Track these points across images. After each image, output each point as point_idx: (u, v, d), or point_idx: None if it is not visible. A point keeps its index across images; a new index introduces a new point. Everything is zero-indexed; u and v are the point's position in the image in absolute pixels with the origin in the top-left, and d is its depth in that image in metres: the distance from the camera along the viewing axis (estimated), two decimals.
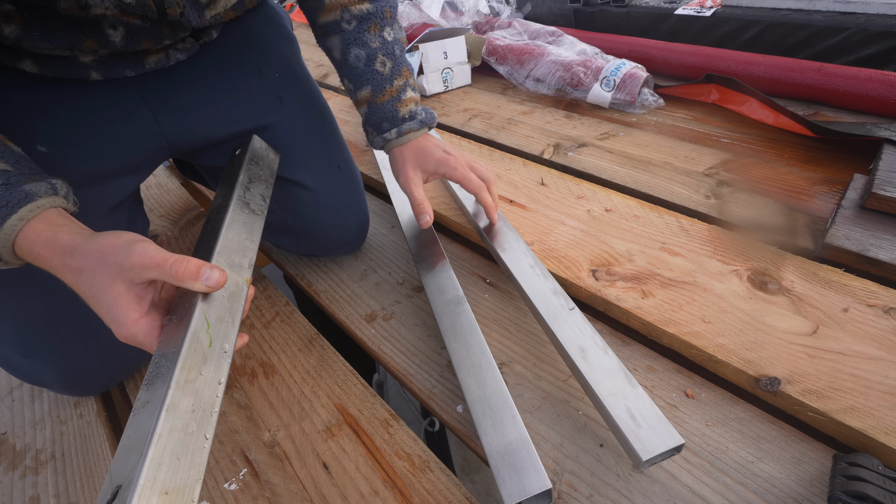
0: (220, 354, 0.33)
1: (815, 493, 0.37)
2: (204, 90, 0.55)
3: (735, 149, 0.81)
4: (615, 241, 0.63)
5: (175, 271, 0.33)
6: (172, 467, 0.27)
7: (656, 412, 0.38)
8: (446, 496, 0.41)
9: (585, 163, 0.82)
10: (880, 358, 0.45)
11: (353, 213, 0.66)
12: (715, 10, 1.17)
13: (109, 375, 0.53)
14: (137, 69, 0.49)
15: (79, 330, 0.49)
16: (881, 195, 0.59)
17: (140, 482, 0.25)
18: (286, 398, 0.51)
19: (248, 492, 0.44)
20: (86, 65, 0.45)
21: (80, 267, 0.34)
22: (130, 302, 0.33)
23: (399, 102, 0.56)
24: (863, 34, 0.96)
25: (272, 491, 0.43)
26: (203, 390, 0.31)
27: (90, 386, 0.54)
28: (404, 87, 0.56)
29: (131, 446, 0.28)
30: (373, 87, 0.55)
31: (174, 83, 0.53)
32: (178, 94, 0.53)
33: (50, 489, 0.47)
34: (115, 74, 0.48)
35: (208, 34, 0.54)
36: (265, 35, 0.60)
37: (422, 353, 0.54)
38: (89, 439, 0.51)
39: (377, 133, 0.57)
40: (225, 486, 0.44)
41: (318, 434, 0.47)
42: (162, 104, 0.52)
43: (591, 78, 1.02)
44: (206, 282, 0.34)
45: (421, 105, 0.58)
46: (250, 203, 0.46)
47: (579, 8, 1.40)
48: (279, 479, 0.44)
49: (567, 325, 0.46)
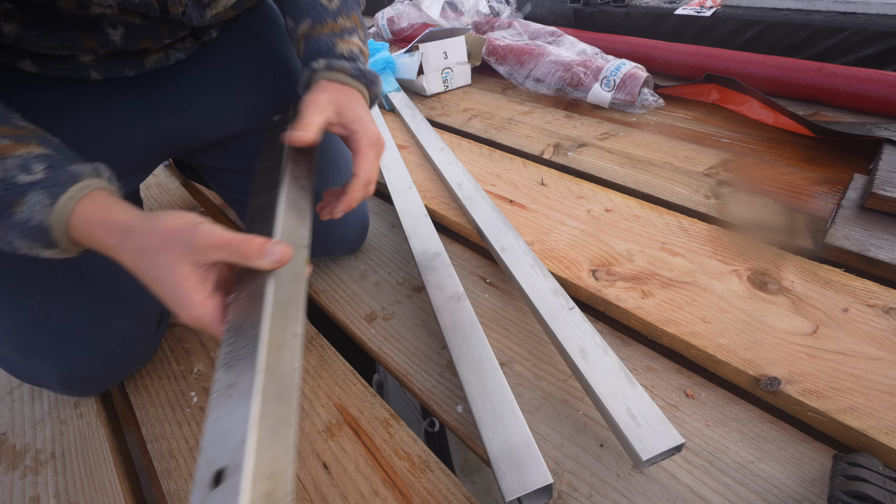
0: (291, 338, 0.33)
1: (815, 493, 0.37)
2: (204, 90, 0.55)
3: (735, 149, 0.81)
4: (615, 241, 0.63)
5: (241, 250, 0.32)
6: (270, 451, 0.26)
7: (656, 412, 0.38)
8: (446, 496, 0.41)
9: (585, 163, 0.82)
10: (880, 358, 0.45)
11: (353, 212, 0.66)
12: (715, 10, 1.17)
13: (109, 376, 0.53)
14: (137, 69, 0.49)
15: (79, 330, 0.49)
16: (881, 195, 0.59)
17: (249, 465, 0.25)
18: None
19: None
20: (85, 64, 0.45)
21: (142, 247, 0.33)
22: (195, 284, 0.32)
23: (340, 39, 0.49)
24: (863, 34, 0.96)
25: None
26: (284, 374, 0.30)
27: (90, 386, 0.53)
28: (351, 30, 0.51)
29: (226, 429, 0.27)
30: (313, 19, 0.50)
31: (174, 83, 0.53)
32: (177, 95, 0.53)
33: (50, 489, 0.47)
34: (114, 74, 0.48)
35: (208, 34, 0.54)
36: (264, 35, 0.60)
37: (422, 353, 0.54)
38: (89, 439, 0.51)
39: (307, 67, 0.48)
40: None
41: (317, 434, 0.47)
42: (162, 104, 0.52)
43: (591, 78, 1.02)
44: (270, 257, 0.32)
45: (367, 63, 0.52)
46: (299, 178, 0.44)
47: (579, 8, 1.40)
48: None
49: (567, 325, 0.46)
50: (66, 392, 0.54)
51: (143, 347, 0.55)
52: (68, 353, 0.49)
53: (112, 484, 0.46)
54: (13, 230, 0.33)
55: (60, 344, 0.49)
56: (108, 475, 0.47)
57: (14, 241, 0.33)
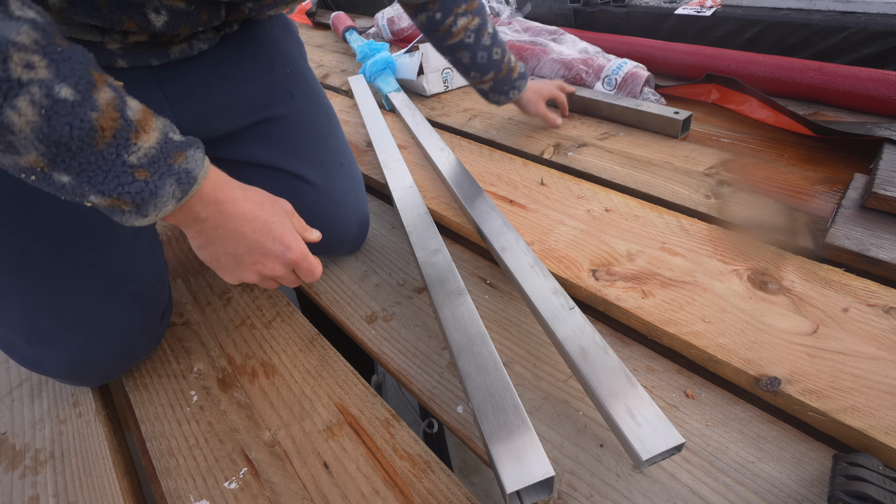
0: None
1: (815, 493, 0.37)
2: (219, 80, 0.56)
3: (735, 148, 0.81)
4: (615, 241, 0.63)
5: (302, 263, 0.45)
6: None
7: (656, 411, 0.38)
8: (447, 496, 0.41)
9: (585, 162, 0.82)
10: (880, 358, 0.45)
11: (355, 210, 0.66)
12: (715, 10, 1.17)
13: (114, 365, 0.53)
14: (162, 58, 0.50)
15: (87, 317, 0.49)
16: (881, 195, 0.58)
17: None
18: (287, 398, 0.51)
19: (248, 491, 0.44)
20: (112, 52, 0.46)
21: (261, 201, 0.43)
22: (296, 234, 0.45)
23: (512, 72, 0.79)
24: (863, 34, 0.95)
25: (272, 490, 0.43)
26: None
27: (93, 376, 0.53)
28: (511, 60, 0.78)
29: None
30: (495, 70, 0.76)
31: (192, 72, 0.53)
32: (194, 84, 0.54)
33: (49, 489, 0.47)
34: (140, 62, 0.49)
35: (230, 26, 0.56)
36: (277, 35, 0.62)
37: (422, 354, 0.54)
38: (88, 439, 0.51)
39: (504, 95, 0.81)
40: (225, 485, 0.44)
41: (318, 433, 0.47)
42: (179, 94, 0.53)
43: (592, 77, 1.02)
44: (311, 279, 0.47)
45: (518, 62, 0.80)
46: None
47: (579, 8, 1.40)
48: (279, 479, 0.44)
49: (567, 325, 0.46)
50: (68, 380, 0.54)
51: (147, 338, 0.56)
52: (74, 340, 0.49)
53: (111, 483, 0.46)
54: (172, 176, 0.36)
55: (67, 331, 0.49)
56: (108, 474, 0.47)
57: (164, 187, 0.35)
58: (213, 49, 0.55)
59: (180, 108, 0.54)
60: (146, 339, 0.56)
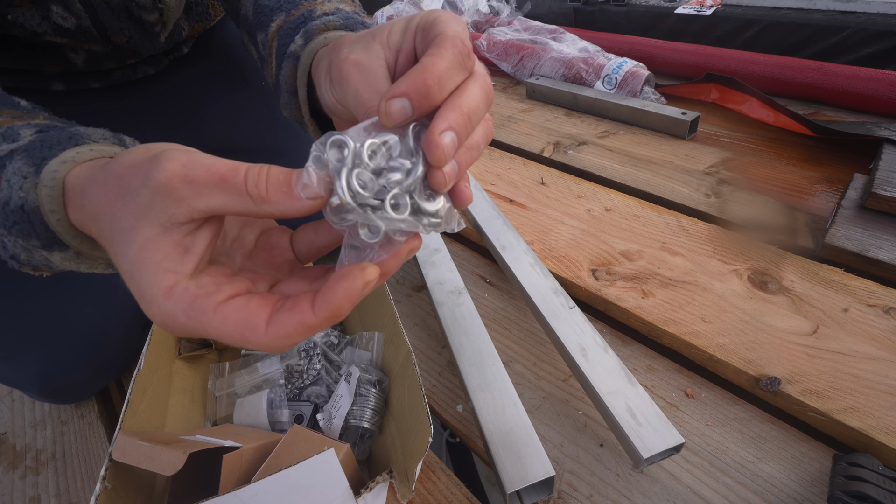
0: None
1: (815, 493, 0.38)
2: (194, 107, 0.54)
3: (735, 148, 0.81)
4: (615, 240, 0.63)
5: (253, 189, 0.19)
6: None
7: (656, 411, 0.38)
8: (447, 496, 0.41)
9: (585, 161, 0.82)
10: (880, 358, 0.45)
11: None
12: (715, 9, 1.17)
13: (93, 377, 0.51)
14: (102, 81, 0.49)
15: (59, 327, 0.47)
16: (881, 195, 0.59)
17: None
18: None
19: None
20: (49, 75, 0.45)
21: (95, 211, 0.21)
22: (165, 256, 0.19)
23: (315, 2, 0.35)
24: (863, 33, 0.95)
25: None
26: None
27: (71, 392, 0.50)
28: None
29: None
30: (286, 11, 0.35)
31: (164, 101, 0.52)
32: (167, 113, 0.53)
33: (50, 489, 0.47)
34: (78, 87, 0.47)
35: (178, 50, 0.54)
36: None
37: (421, 353, 0.54)
38: (90, 440, 0.51)
39: (278, 65, 0.33)
40: None
41: None
42: (144, 112, 0.52)
43: (592, 76, 1.02)
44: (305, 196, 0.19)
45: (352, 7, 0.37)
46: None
47: (579, 7, 1.40)
48: None
49: (567, 324, 0.46)
50: (46, 398, 0.50)
51: (127, 347, 0.53)
52: (48, 353, 0.47)
53: None
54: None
55: (39, 344, 0.46)
56: None
57: (2, 240, 0.23)
58: (183, 75, 0.53)
59: (148, 128, 0.52)
60: (125, 349, 0.53)
